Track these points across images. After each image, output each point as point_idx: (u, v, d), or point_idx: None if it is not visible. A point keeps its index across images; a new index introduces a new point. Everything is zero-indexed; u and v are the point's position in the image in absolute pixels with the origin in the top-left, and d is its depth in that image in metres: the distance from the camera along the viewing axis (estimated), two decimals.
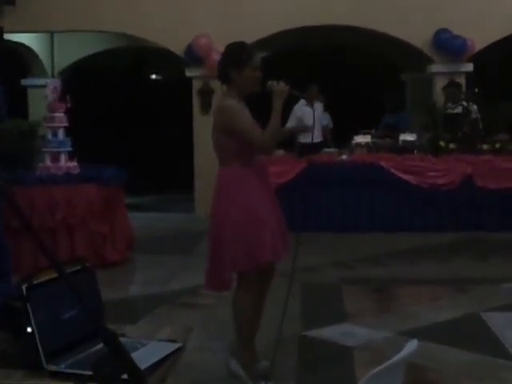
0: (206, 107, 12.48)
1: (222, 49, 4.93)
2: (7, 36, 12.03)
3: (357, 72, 17.39)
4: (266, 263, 4.70)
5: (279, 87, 4.65)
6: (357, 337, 5.90)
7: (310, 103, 11.87)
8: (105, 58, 16.41)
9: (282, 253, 4.78)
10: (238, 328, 4.81)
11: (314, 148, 11.41)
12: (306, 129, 11.77)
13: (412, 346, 2.68)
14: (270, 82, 4.71)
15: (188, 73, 12.82)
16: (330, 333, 6.00)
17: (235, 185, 4.63)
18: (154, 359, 2.82)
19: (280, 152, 10.93)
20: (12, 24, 12.17)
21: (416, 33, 12.55)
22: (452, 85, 11.83)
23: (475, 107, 11.37)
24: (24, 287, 2.76)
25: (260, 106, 4.83)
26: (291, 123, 11.40)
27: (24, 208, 7.86)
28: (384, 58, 16.41)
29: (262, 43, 12.19)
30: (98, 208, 8.44)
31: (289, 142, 10.92)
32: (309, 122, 11.90)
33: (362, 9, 12.45)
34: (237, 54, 4.70)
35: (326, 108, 13.39)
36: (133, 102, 17.66)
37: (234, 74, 4.65)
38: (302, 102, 11.72)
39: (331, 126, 13.72)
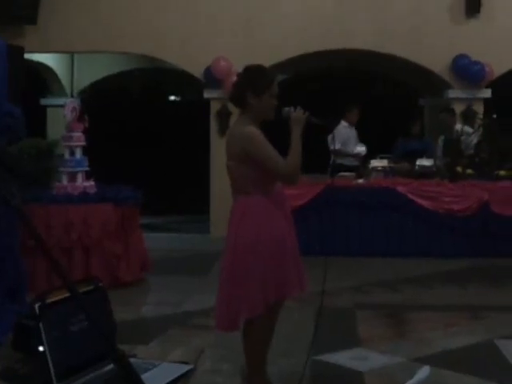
0: (223, 129, 12.47)
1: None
2: (28, 55, 12.19)
3: (374, 96, 17.40)
4: (293, 295, 4.69)
5: (297, 114, 4.54)
6: (369, 362, 5.87)
7: (351, 126, 11.89)
8: (124, 78, 16.53)
9: (305, 284, 4.76)
10: (252, 354, 4.77)
11: (350, 170, 11.37)
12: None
13: (425, 372, 2.67)
14: (286, 109, 4.59)
15: (206, 94, 12.85)
16: (343, 357, 5.96)
17: (261, 214, 4.51)
18: (165, 381, 2.81)
19: None
20: (33, 44, 12.31)
21: (435, 58, 12.55)
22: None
23: (470, 130, 11.49)
24: (37, 306, 2.76)
25: (272, 132, 4.70)
26: (338, 145, 11.43)
27: (40, 227, 7.89)
28: (402, 83, 16.42)
29: (281, 66, 12.24)
30: (113, 228, 8.45)
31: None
32: (352, 144, 11.90)
33: (381, 34, 12.47)
34: (257, 79, 4.55)
35: None
36: (150, 123, 17.72)
37: (252, 99, 4.51)
38: (343, 123, 11.73)
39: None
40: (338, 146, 11.45)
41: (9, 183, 6.51)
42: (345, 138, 11.72)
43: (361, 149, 11.88)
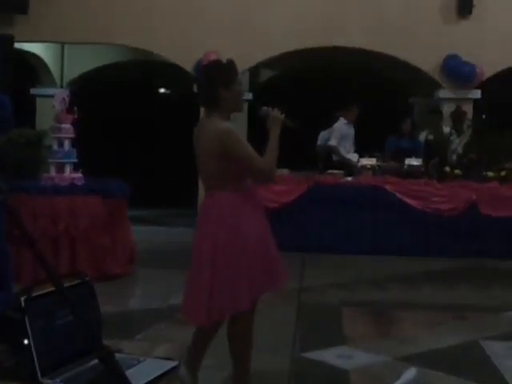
0: None
1: None
2: (18, 45, 12.13)
3: (365, 94, 17.37)
4: (275, 288, 4.68)
5: (275, 114, 4.57)
6: (354, 360, 5.86)
7: (349, 124, 11.86)
8: (114, 70, 16.44)
9: (285, 276, 4.74)
10: (239, 351, 4.74)
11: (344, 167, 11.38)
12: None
13: (410, 373, 2.67)
14: (264, 108, 4.62)
15: (196, 88, 12.82)
16: (328, 355, 5.96)
17: (240, 209, 4.50)
18: (150, 377, 2.80)
19: (285, 171, 10.88)
20: (23, 33, 12.25)
21: (425, 58, 12.58)
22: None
23: (453, 130, 11.56)
24: (22, 299, 2.75)
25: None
26: (334, 142, 11.44)
27: (26, 217, 7.85)
28: (393, 82, 16.41)
29: (272, 62, 12.23)
30: (100, 220, 8.42)
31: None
32: (349, 142, 11.90)
33: (373, 32, 12.49)
34: (224, 71, 4.56)
35: None
36: (140, 116, 17.66)
37: (224, 92, 4.48)
38: (343, 120, 11.72)
39: None
40: (334, 143, 11.48)
41: None
42: (343, 134, 11.70)
43: (353, 156, 11.82)
